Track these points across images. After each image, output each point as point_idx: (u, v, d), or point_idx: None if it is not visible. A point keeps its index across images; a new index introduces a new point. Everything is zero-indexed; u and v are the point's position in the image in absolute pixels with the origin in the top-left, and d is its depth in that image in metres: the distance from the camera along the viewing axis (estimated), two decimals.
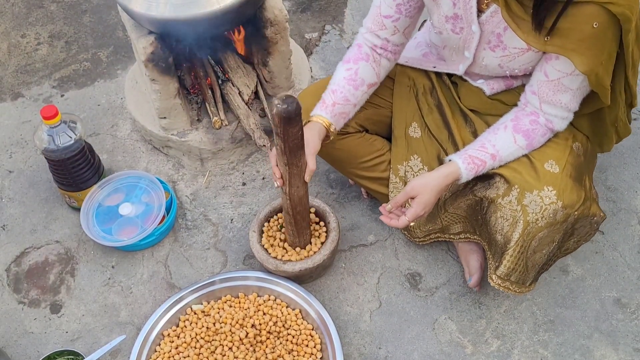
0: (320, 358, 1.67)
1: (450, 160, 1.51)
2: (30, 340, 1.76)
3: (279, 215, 1.82)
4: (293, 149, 1.44)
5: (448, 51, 1.61)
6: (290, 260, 1.73)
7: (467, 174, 1.49)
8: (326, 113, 1.57)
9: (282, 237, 1.79)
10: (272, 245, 1.78)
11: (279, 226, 1.81)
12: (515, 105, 1.56)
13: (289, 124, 1.36)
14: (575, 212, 1.46)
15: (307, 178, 1.53)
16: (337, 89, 1.58)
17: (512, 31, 1.39)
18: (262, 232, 1.81)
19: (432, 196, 1.49)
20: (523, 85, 1.56)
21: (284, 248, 1.78)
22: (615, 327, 1.73)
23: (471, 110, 1.66)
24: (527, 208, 1.45)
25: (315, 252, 1.74)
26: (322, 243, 1.76)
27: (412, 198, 1.51)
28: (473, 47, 1.51)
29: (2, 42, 2.50)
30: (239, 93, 2.03)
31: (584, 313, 1.76)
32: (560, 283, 1.81)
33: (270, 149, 1.84)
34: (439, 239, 1.78)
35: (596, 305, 1.77)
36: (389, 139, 1.78)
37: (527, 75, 1.54)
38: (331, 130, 1.57)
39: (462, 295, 1.80)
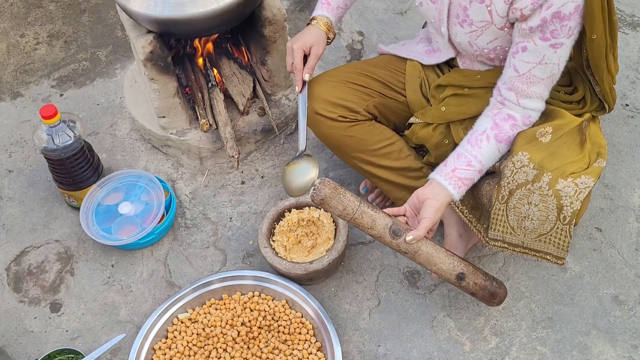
0: (315, 342, 1.68)
1: (434, 180, 1.52)
2: (31, 339, 1.77)
3: (287, 218, 1.82)
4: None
5: (436, 37, 1.68)
6: (298, 262, 1.73)
7: (458, 196, 1.51)
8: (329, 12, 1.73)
9: (292, 238, 1.80)
10: (283, 247, 1.79)
11: (288, 227, 1.82)
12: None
13: None
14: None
15: (305, 77, 1.68)
16: None
17: (477, 3, 1.46)
18: (273, 233, 1.81)
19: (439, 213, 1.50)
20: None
21: (299, 242, 1.79)
22: (613, 324, 1.74)
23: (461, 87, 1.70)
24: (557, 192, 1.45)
25: (326, 252, 1.75)
26: (331, 246, 1.76)
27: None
28: (445, 21, 1.57)
29: (1, 42, 2.50)
30: (235, 102, 2.04)
31: (581, 310, 1.77)
32: (558, 280, 1.82)
33: (238, 160, 1.92)
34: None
35: (594, 302, 1.78)
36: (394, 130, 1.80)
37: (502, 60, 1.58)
38: (329, 34, 1.73)
39: (460, 293, 1.80)
